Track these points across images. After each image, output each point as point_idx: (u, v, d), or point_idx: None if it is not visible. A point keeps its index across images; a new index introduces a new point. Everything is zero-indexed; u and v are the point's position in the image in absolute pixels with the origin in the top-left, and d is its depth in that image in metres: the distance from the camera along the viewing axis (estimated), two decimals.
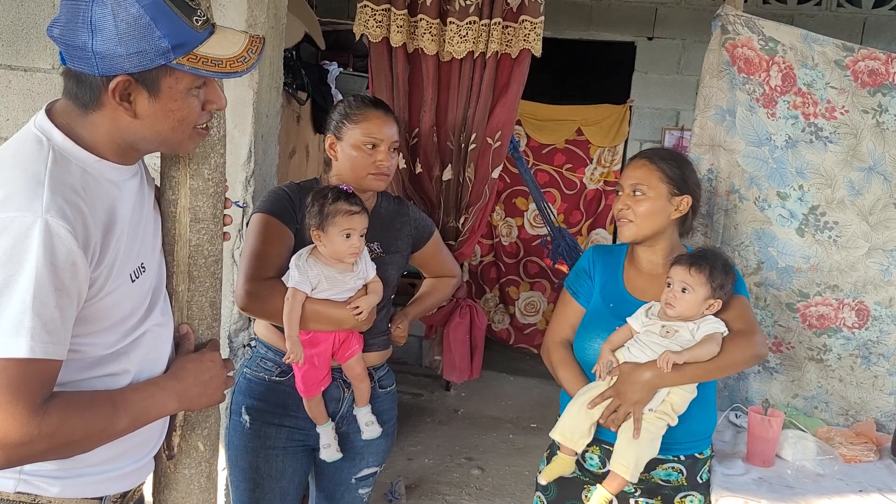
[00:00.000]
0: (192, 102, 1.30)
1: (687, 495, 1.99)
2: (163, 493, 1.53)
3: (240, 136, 2.44)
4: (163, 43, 1.20)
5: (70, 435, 1.18)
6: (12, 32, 2.54)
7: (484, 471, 4.04)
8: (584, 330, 2.05)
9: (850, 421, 2.58)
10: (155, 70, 1.23)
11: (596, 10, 5.78)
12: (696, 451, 2.01)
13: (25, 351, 1.12)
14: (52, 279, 1.14)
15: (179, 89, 1.27)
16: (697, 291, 1.89)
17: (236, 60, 1.27)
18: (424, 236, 2.29)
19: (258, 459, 2.08)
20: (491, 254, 5.75)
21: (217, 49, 1.26)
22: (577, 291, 2.12)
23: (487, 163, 2.59)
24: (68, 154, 1.25)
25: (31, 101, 2.56)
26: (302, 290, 1.92)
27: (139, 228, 1.37)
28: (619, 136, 5.67)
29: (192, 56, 1.23)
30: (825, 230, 2.49)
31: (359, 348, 2.05)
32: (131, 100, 1.25)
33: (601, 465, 1.99)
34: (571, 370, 2.02)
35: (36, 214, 1.14)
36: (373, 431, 2.11)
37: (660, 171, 2.01)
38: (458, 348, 2.63)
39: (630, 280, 2.08)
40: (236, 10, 2.37)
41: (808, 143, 2.45)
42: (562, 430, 1.94)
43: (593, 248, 2.19)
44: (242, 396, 2.11)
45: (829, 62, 2.40)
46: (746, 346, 1.92)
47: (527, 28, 2.51)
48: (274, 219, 2.02)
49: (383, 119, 2.08)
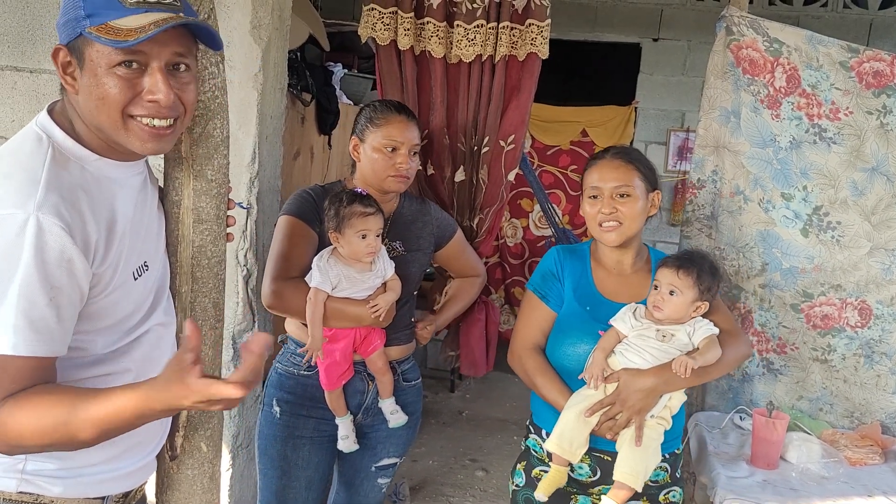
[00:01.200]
0: (111, 80, 1.22)
1: (669, 490, 1.98)
2: (165, 494, 1.53)
3: (244, 137, 2.44)
4: (80, 11, 1.21)
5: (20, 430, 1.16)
6: (18, 34, 2.55)
7: (488, 472, 4.04)
8: (561, 335, 1.97)
9: (855, 423, 2.57)
10: (79, 40, 1.22)
11: (601, 12, 5.78)
12: (676, 448, 2.00)
13: (8, 348, 1.13)
14: (43, 277, 1.15)
15: (100, 64, 1.22)
16: (685, 294, 1.88)
17: (134, 30, 1.19)
18: (447, 235, 2.36)
19: (287, 448, 2.18)
20: (496, 255, 5.73)
21: (132, 23, 1.20)
22: (546, 295, 2.03)
23: (501, 165, 2.60)
24: (68, 152, 1.26)
25: (36, 103, 2.56)
26: (323, 289, 2.02)
27: (142, 227, 1.37)
28: (624, 138, 5.66)
29: (105, 27, 1.20)
30: (828, 230, 2.48)
31: (380, 343, 2.14)
32: (73, 74, 1.26)
33: (591, 474, 1.93)
34: (551, 377, 1.94)
35: (28, 212, 1.14)
36: (398, 419, 2.21)
37: (637, 170, 1.96)
38: (477, 343, 2.69)
39: (600, 281, 2.02)
40: (241, 12, 2.38)
41: (812, 144, 2.45)
42: (559, 440, 1.86)
43: (557, 250, 2.10)
44: (274, 389, 2.22)
45: (834, 63, 2.40)
46: (738, 346, 1.96)
47: (533, 31, 2.51)
48: (298, 220, 2.12)
49: (405, 123, 2.16)
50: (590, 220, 1.98)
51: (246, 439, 2.63)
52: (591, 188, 1.97)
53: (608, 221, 1.94)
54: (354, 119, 2.25)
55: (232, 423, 2.55)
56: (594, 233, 1.99)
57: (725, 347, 1.89)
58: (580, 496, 1.97)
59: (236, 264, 2.47)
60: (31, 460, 1.27)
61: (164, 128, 1.28)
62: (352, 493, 2.32)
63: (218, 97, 1.47)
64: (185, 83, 1.30)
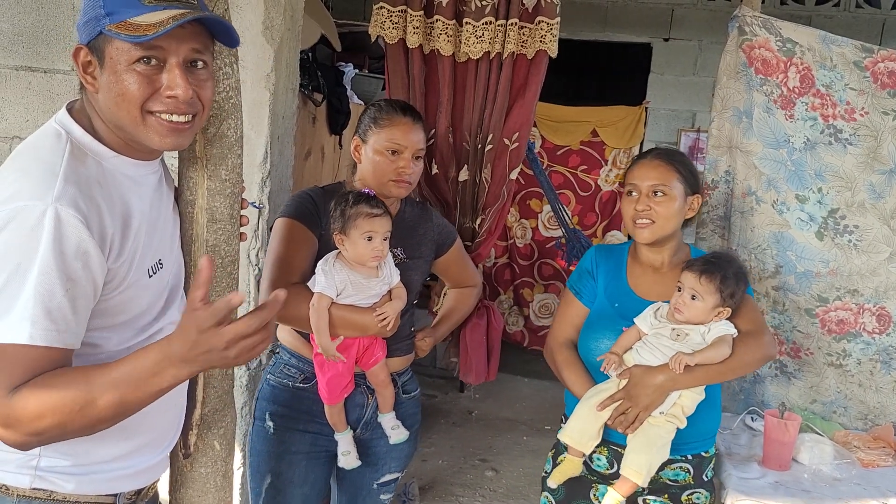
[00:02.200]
0: (131, 77, 1.24)
1: (693, 492, 2.00)
2: (178, 492, 1.53)
3: (256, 137, 2.45)
4: (100, 10, 1.22)
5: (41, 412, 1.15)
6: (32, 34, 2.57)
7: (498, 472, 4.04)
8: (589, 330, 2.04)
9: (868, 425, 2.56)
10: (100, 39, 1.24)
11: (612, 12, 5.76)
12: (703, 450, 2.01)
13: (25, 337, 1.14)
14: (60, 267, 1.15)
15: (120, 61, 1.24)
16: (707, 300, 1.88)
17: (153, 26, 1.21)
18: (447, 242, 2.28)
19: (281, 465, 2.07)
20: (505, 255, 5.73)
21: (151, 19, 1.22)
22: (580, 291, 2.10)
23: (504, 164, 2.59)
24: (86, 148, 1.28)
25: (50, 103, 2.58)
26: (328, 294, 1.91)
27: (157, 225, 1.38)
28: (634, 138, 5.64)
29: (124, 24, 1.21)
30: (845, 234, 2.46)
31: (382, 355, 2.04)
32: (93, 73, 1.27)
33: (609, 466, 1.98)
34: (577, 371, 2.01)
35: (46, 203, 1.16)
36: (399, 435, 2.11)
37: (676, 171, 2.00)
38: (475, 350, 2.62)
39: (634, 278, 2.06)
40: (253, 12, 2.39)
41: (828, 145, 2.43)
42: (570, 432, 1.93)
43: (596, 248, 2.17)
44: (266, 402, 2.11)
45: (849, 63, 2.38)
46: (756, 347, 1.93)
47: (543, 29, 2.50)
48: (298, 223, 2.01)
49: (409, 126, 2.05)
50: (626, 216, 2.04)
51: None
52: (630, 185, 2.02)
53: (642, 219, 1.98)
54: (358, 118, 2.16)
55: (244, 421, 2.55)
56: (630, 229, 2.04)
57: (741, 348, 1.89)
58: (600, 485, 2.00)
59: (248, 264, 2.48)
60: (45, 456, 1.27)
61: (183, 123, 1.29)
62: None
63: (232, 97, 1.48)
64: (202, 80, 1.31)
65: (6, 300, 1.14)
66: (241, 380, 2.52)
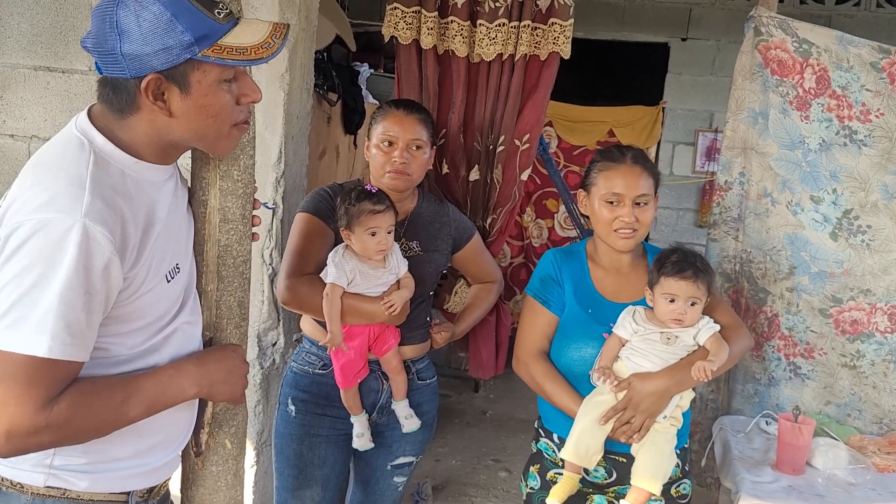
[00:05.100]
0: (224, 96, 1.30)
1: (680, 484, 2.00)
2: (190, 490, 1.55)
3: (270, 136, 2.46)
4: (185, 37, 1.22)
5: (79, 426, 1.22)
6: (51, 35, 2.59)
7: (511, 473, 4.03)
8: (565, 339, 1.98)
9: (884, 429, 2.53)
10: (182, 65, 1.25)
11: (629, 11, 5.74)
12: (684, 443, 2.02)
13: (45, 351, 1.15)
14: (84, 283, 1.17)
15: (209, 83, 1.27)
16: (703, 300, 1.89)
17: (260, 47, 1.27)
18: (465, 238, 2.34)
19: (303, 447, 2.19)
20: (521, 255, 5.72)
21: (242, 38, 1.27)
22: (547, 300, 2.02)
23: (515, 165, 2.59)
24: (108, 156, 1.28)
25: (68, 103, 2.61)
26: (339, 284, 2.02)
27: (174, 229, 1.40)
28: (651, 138, 5.62)
29: (216, 47, 1.25)
30: (858, 234, 2.45)
31: (395, 343, 2.12)
32: (165, 98, 1.27)
33: (607, 476, 1.96)
34: (560, 383, 1.95)
35: (74, 218, 1.16)
36: (412, 424, 2.19)
37: (652, 175, 1.97)
38: (484, 344, 2.65)
39: (598, 282, 2.02)
40: (268, 13, 2.40)
41: (843, 147, 2.42)
42: (575, 449, 1.86)
43: (553, 253, 2.09)
44: (289, 388, 2.22)
45: (865, 64, 2.36)
46: (742, 339, 1.97)
47: (556, 31, 2.50)
48: (315, 218, 2.13)
49: (402, 117, 2.14)
50: (604, 223, 1.95)
51: (270, 436, 2.65)
52: (613, 194, 1.93)
53: (626, 229, 1.93)
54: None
55: (256, 420, 2.57)
56: (606, 235, 1.97)
57: (730, 343, 1.90)
58: (596, 495, 1.98)
59: (261, 263, 2.49)
60: (59, 455, 1.28)
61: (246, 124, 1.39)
62: (368, 492, 2.32)
63: None
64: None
65: (24, 309, 1.15)
66: (255, 378, 2.54)
